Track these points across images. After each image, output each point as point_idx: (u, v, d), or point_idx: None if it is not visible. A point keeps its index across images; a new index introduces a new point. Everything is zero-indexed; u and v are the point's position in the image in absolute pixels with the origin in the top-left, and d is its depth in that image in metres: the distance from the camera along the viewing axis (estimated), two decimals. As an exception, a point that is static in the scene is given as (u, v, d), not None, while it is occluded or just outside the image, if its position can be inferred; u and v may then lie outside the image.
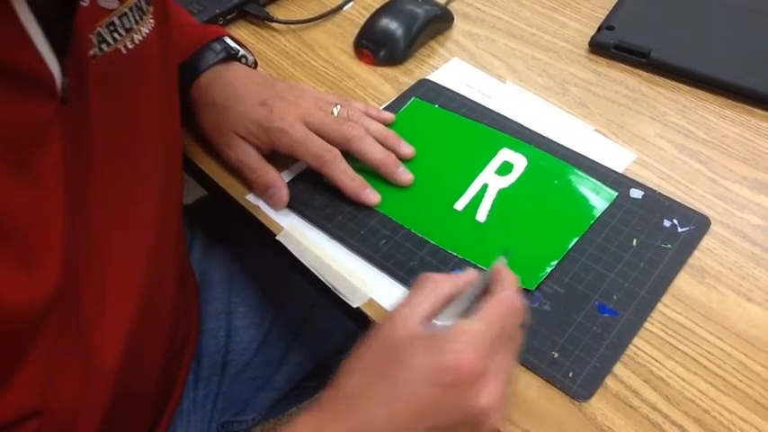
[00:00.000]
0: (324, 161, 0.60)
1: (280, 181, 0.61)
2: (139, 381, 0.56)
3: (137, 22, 0.49)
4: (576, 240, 0.59)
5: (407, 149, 0.64)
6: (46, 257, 0.42)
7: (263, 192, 0.62)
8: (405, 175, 0.62)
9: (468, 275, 0.48)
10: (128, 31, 0.48)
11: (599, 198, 0.62)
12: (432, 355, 0.42)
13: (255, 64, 0.70)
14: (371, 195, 0.61)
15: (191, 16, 0.71)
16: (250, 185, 0.63)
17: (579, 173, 0.64)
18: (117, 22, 0.46)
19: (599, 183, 0.63)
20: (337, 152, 0.61)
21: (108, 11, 0.46)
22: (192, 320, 0.71)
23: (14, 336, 0.41)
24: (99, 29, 0.45)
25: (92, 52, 0.45)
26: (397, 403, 0.41)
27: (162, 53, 0.53)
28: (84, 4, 0.43)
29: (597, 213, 0.61)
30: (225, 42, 0.67)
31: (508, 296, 0.45)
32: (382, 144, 0.63)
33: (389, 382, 0.42)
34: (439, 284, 0.46)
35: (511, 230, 0.60)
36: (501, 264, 0.48)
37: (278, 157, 0.63)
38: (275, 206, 0.61)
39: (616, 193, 0.62)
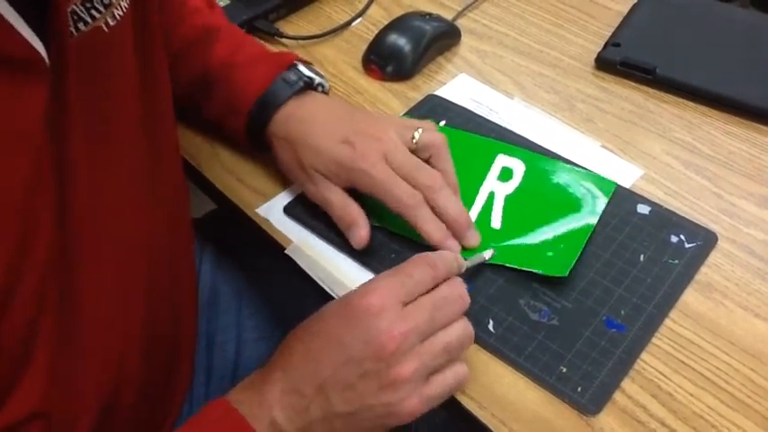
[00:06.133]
0: (407, 206, 0.57)
1: (362, 220, 0.59)
2: (135, 383, 0.55)
3: None
4: (594, 224, 0.60)
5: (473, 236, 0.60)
6: (37, 230, 0.41)
7: (346, 229, 0.60)
8: (473, 238, 0.59)
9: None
10: (106, 7, 0.46)
11: (599, 188, 0.64)
12: (342, 300, 0.49)
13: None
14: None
15: (259, 44, 0.69)
16: (336, 220, 0.61)
17: (575, 168, 0.65)
18: None
19: (594, 173, 0.65)
20: (421, 197, 0.58)
21: None
22: (189, 324, 0.68)
23: (14, 318, 0.41)
24: (74, 6, 0.44)
25: (72, 30, 0.43)
26: (313, 340, 0.48)
27: (137, 31, 0.51)
28: None
29: (604, 198, 0.63)
30: (299, 71, 0.64)
31: (423, 255, 0.50)
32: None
33: (310, 329, 0.49)
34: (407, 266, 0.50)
35: (529, 231, 0.61)
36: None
37: (288, 172, 0.64)
38: (355, 245, 0.59)
39: (615, 183, 0.64)
